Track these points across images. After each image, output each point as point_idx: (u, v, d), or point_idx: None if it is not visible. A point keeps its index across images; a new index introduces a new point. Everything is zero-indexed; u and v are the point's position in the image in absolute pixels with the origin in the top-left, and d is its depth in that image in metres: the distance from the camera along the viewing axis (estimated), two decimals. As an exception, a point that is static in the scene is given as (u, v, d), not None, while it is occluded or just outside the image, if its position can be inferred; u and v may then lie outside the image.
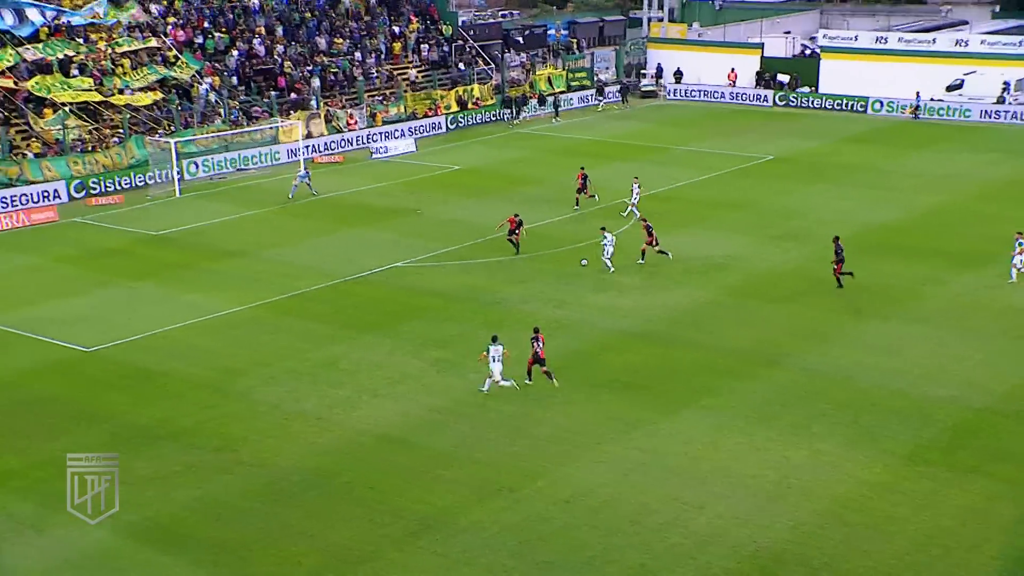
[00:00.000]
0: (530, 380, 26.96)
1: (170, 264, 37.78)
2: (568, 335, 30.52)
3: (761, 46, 73.72)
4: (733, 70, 72.01)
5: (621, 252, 37.16)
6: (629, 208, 42.53)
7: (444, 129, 62.35)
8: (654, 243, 36.54)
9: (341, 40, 64.17)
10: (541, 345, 26.72)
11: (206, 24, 59.87)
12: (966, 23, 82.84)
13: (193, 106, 54.08)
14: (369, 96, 61.36)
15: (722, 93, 71.64)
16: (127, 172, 48.70)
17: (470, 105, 64.50)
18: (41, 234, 41.85)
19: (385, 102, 61.01)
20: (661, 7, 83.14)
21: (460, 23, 73.72)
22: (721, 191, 47.20)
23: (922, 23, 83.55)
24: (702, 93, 72.43)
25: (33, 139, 48.25)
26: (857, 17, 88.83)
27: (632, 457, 23.52)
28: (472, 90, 65.02)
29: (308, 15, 64.80)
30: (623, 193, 45.71)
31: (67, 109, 49.63)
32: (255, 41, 60.18)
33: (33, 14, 51.42)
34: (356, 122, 58.60)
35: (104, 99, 51.14)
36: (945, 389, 26.66)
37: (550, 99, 67.58)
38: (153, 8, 58.11)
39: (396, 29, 67.76)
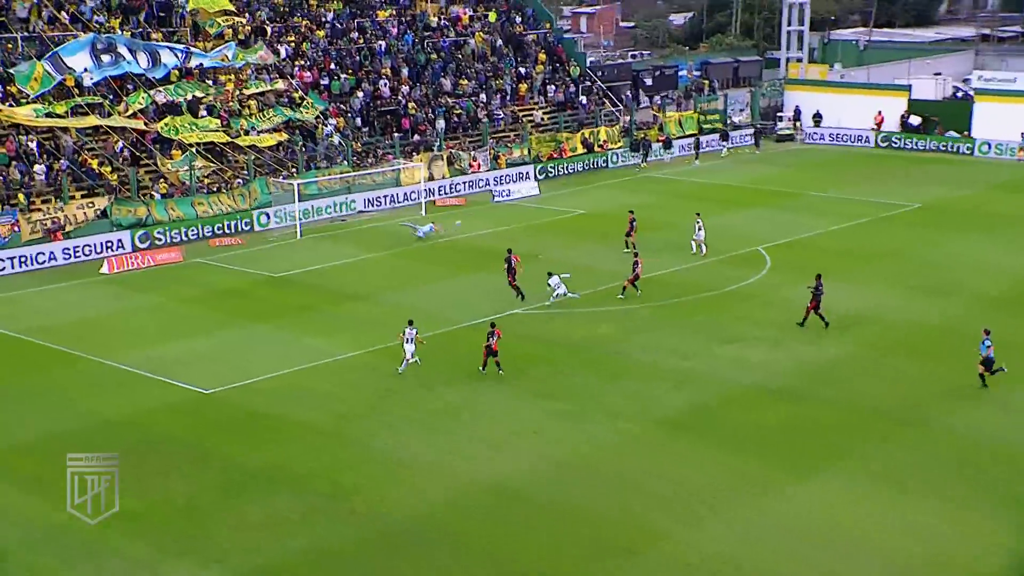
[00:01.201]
0: (483, 370, 31.12)
1: (289, 306, 38.73)
2: (693, 388, 30.17)
3: (909, 88, 72.21)
4: (880, 112, 70.70)
5: (735, 302, 36.63)
6: (698, 245, 43.37)
7: (569, 172, 62.72)
8: (634, 280, 37.73)
9: (466, 81, 65.38)
10: (496, 339, 30.87)
11: (332, 66, 61.78)
12: None
13: (317, 148, 55.73)
14: (493, 138, 62.21)
15: (865, 137, 70.37)
16: (250, 213, 50.40)
17: (596, 148, 64.79)
18: (165, 274, 43.54)
19: (509, 144, 61.79)
20: (800, 47, 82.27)
21: (588, 64, 74.37)
22: (862, 240, 46.20)
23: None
24: (843, 137, 71.25)
25: (161, 179, 50.34)
26: (1016, 57, 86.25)
27: (762, 521, 23.01)
28: (599, 132, 65.36)
29: (434, 56, 66.28)
30: (751, 240, 45.19)
31: (194, 150, 51.71)
32: (380, 82, 61.81)
33: (167, 56, 54.04)
34: (479, 164, 59.46)
35: (230, 140, 53.18)
36: (1110, 459, 25.37)
37: (680, 142, 67.41)
38: (281, 50, 60.27)
39: (522, 70, 68.70)
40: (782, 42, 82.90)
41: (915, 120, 69.82)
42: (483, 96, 65.02)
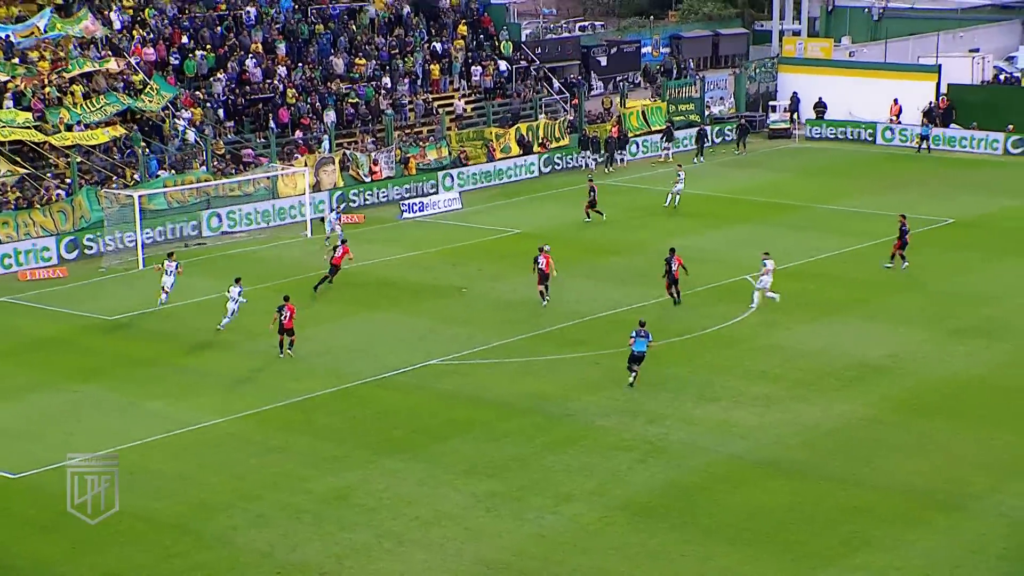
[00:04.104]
0: (283, 353, 37.25)
1: (128, 359, 38.25)
2: (666, 463, 30.28)
3: (938, 69, 73.79)
4: (896, 101, 72.11)
5: (717, 348, 36.90)
6: (672, 196, 55.26)
7: (500, 179, 62.96)
8: (541, 285, 41.79)
9: (364, 61, 65.43)
10: (289, 315, 36.78)
11: (184, 39, 61.43)
12: None
13: (165, 148, 55.28)
14: (400, 135, 62.25)
15: (885, 133, 71.66)
16: (74, 236, 49.77)
17: (535, 147, 65.19)
18: (-42, 318, 42.79)
19: (421, 143, 61.88)
20: (798, 17, 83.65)
21: (523, 38, 74.92)
22: (880, 267, 46.88)
23: None
24: (854, 133, 72.53)
25: (-47, 191, 49.56)
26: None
27: (756, 635, 23.16)
28: (538, 127, 65.77)
29: (320, 28, 66.27)
30: (736, 268, 45.67)
31: (-3, 153, 51.04)
32: (249, 62, 61.59)
33: (-45, 24, 53.12)
34: (382, 170, 59.43)
35: (46, 139, 52.52)
36: None
37: (643, 139, 68.12)
38: (114, 19, 59.78)
39: (438, 46, 69.00)
40: (774, 10, 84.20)
41: (922, 106, 71.17)
42: (386, 80, 65.09)
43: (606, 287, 44.41)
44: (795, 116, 74.74)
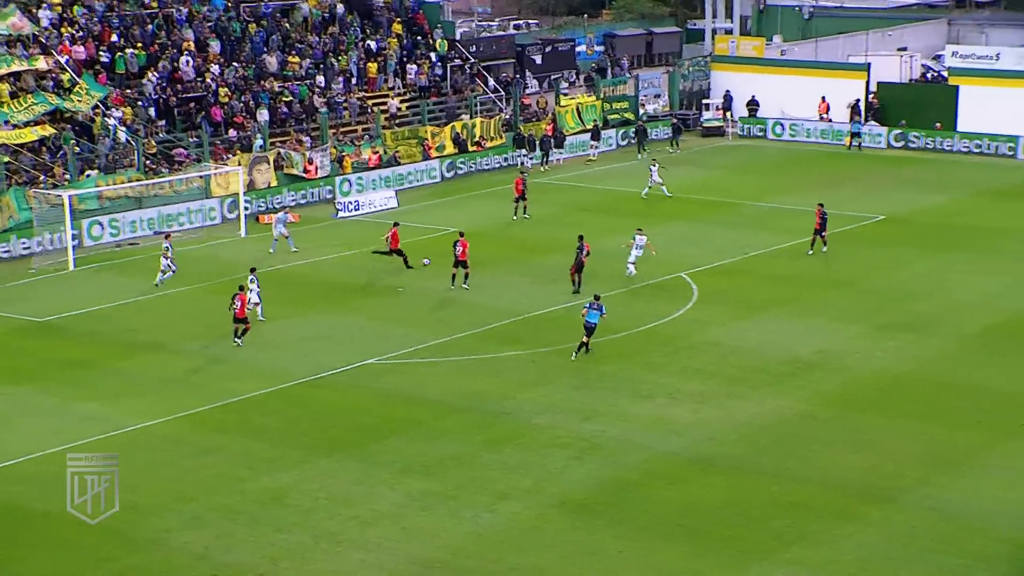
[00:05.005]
0: (238, 340, 38.13)
1: (60, 361, 37.88)
2: (601, 458, 30.40)
3: (867, 67, 74.60)
4: (824, 99, 72.78)
5: (652, 345, 37.03)
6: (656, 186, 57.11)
7: (437, 178, 62.91)
8: (462, 271, 43.37)
9: (298, 59, 65.13)
10: (240, 305, 37.50)
11: (114, 38, 60.87)
12: None
13: (96, 147, 54.76)
14: (335, 134, 62.04)
15: (814, 130, 72.37)
16: (3, 237, 49.21)
17: (470, 146, 65.19)
18: None
19: (356, 142, 61.69)
20: (730, 16, 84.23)
21: (458, 36, 74.90)
22: (812, 263, 47.33)
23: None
24: (786, 130, 73.12)
25: None
26: (999, 29, 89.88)
27: (692, 630, 23.28)
28: (473, 126, 65.78)
29: (253, 26, 65.89)
30: (671, 265, 45.90)
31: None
32: (181, 60, 61.14)
33: None
34: (316, 168, 59.19)
35: (-27, 138, 51.99)
36: None
37: (577, 138, 68.32)
38: (42, 16, 59.14)
39: (372, 44, 68.83)
40: (707, 9, 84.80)
41: (849, 103, 72.25)
42: (320, 79, 64.86)
43: (543, 285, 44.49)
44: (728, 114, 75.26)
